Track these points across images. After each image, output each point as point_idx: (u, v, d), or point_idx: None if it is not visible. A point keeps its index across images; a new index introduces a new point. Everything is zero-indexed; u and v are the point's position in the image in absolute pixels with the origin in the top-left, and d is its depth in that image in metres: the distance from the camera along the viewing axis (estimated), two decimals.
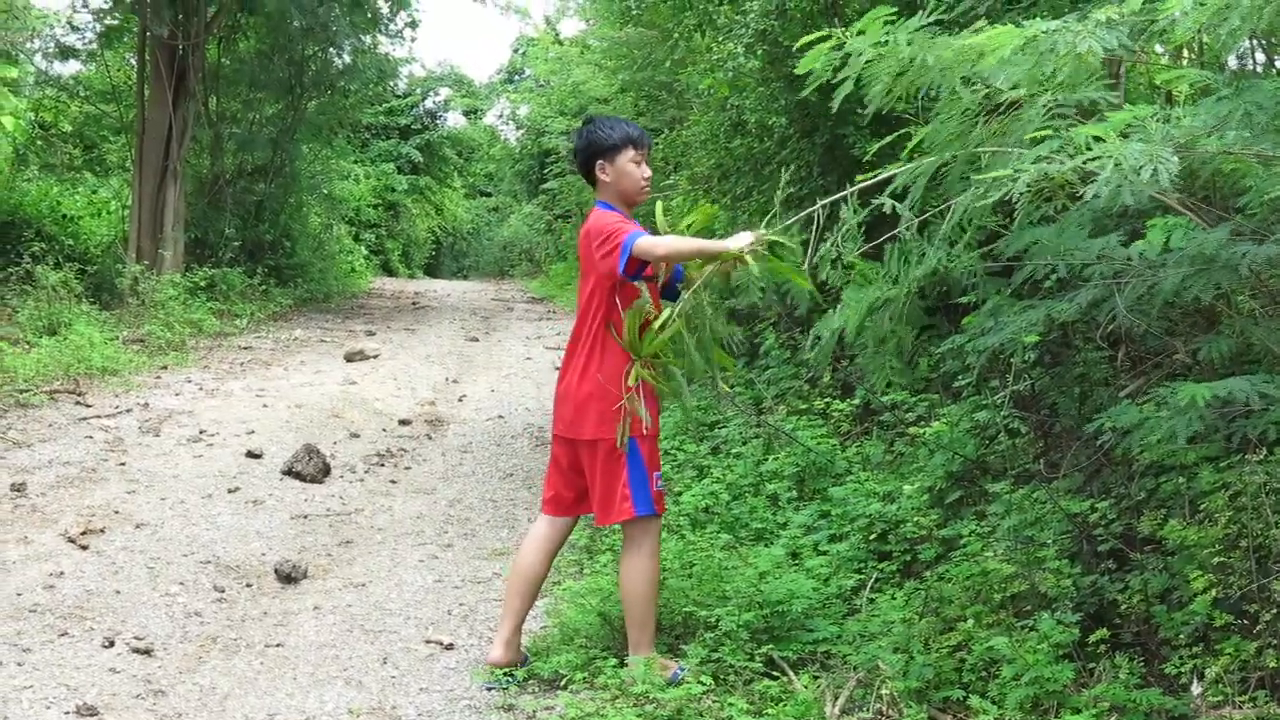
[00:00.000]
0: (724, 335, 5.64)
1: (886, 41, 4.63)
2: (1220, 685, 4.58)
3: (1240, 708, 4.46)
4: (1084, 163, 4.08)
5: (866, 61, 4.69)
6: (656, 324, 5.44)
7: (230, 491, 9.22)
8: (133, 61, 22.89)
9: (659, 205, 5.91)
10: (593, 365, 5.67)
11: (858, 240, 5.16)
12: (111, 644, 6.13)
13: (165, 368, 15.10)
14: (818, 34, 4.82)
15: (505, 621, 5.88)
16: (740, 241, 5.33)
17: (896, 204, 5.04)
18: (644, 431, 5.59)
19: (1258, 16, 4.16)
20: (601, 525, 5.90)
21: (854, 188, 5.11)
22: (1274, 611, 4.61)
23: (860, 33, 4.71)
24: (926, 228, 5.14)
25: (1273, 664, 4.50)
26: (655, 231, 5.72)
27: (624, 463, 5.60)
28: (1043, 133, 4.41)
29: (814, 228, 5.23)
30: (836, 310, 5.31)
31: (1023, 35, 4.23)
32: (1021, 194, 4.23)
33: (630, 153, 5.74)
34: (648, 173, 5.82)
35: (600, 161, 5.77)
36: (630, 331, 5.46)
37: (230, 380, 14.58)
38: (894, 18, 4.62)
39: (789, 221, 5.48)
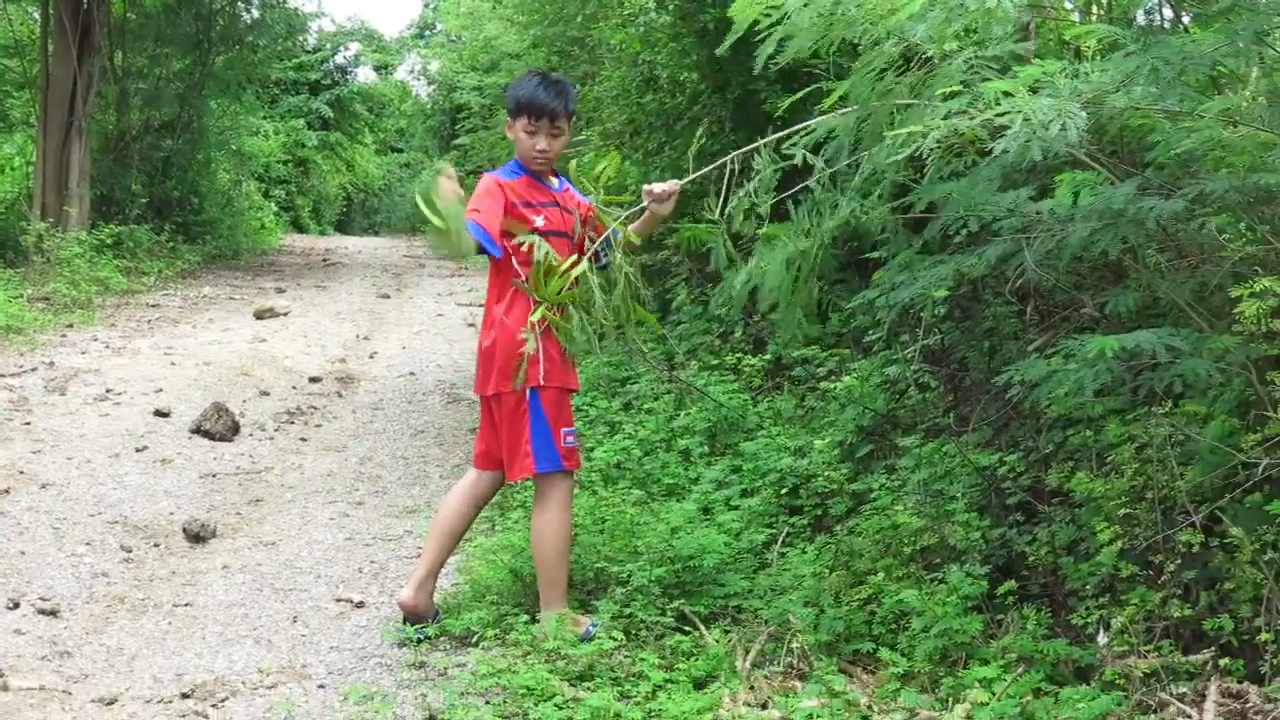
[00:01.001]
0: (639, 287, 5.62)
1: None
2: (1126, 635, 4.63)
3: (1145, 657, 4.51)
4: (994, 118, 4.10)
5: (798, 7, 4.68)
6: (559, 269, 5.42)
7: (138, 450, 9.12)
8: (36, 15, 22.54)
9: (571, 165, 5.88)
10: (490, 322, 5.70)
11: (771, 190, 5.16)
12: (16, 605, 6.05)
13: (71, 326, 14.91)
14: None
15: (420, 565, 5.86)
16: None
17: (809, 155, 5.04)
18: (540, 382, 5.58)
19: None
20: (510, 481, 5.88)
21: (766, 140, 5.10)
22: (1178, 562, 4.66)
23: None
24: (838, 180, 5.14)
25: (1177, 614, 4.55)
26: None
27: (526, 419, 5.60)
28: (954, 88, 4.42)
29: (726, 178, 5.22)
30: (748, 264, 5.31)
31: None
32: (932, 149, 4.24)
33: (524, 120, 5.68)
34: (542, 145, 5.69)
35: (509, 119, 5.76)
36: (534, 276, 5.43)
37: (138, 338, 14.42)
38: None
39: (702, 170, 5.47)
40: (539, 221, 5.58)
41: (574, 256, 5.52)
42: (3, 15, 22.96)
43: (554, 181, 5.84)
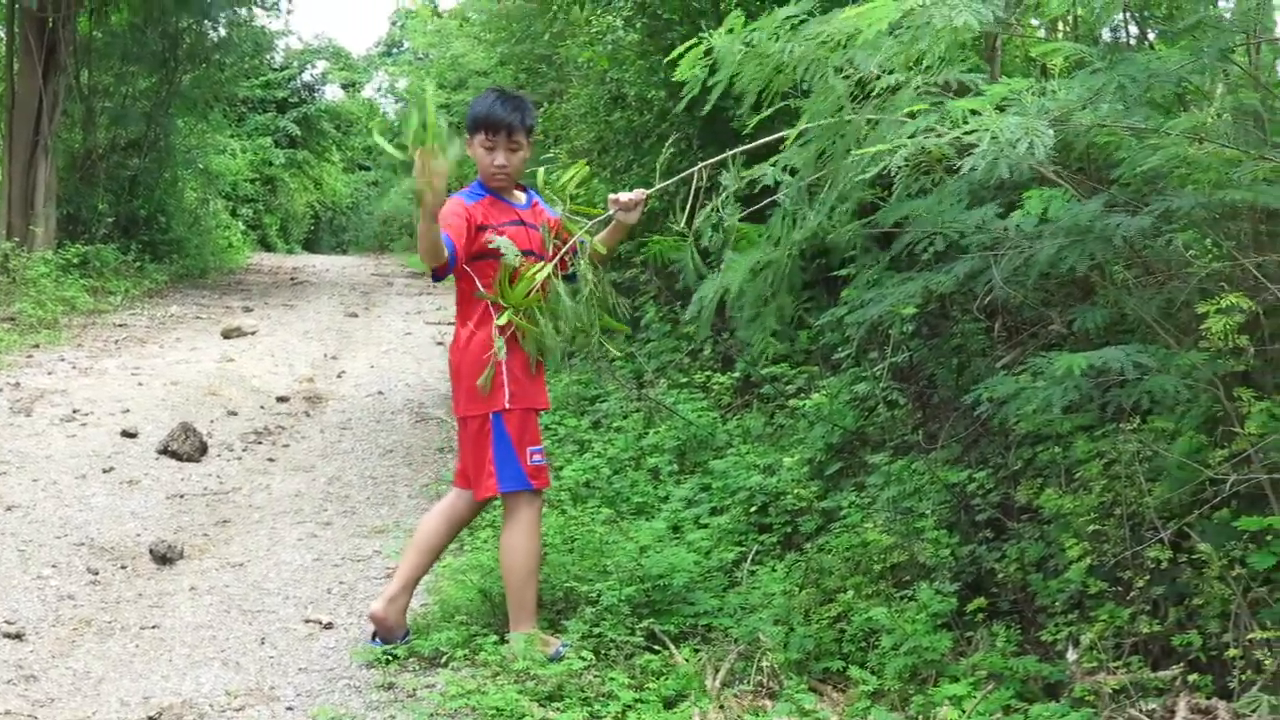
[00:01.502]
0: (607, 294, 5.61)
1: (751, 42, 4.64)
2: (1095, 651, 4.63)
3: (1114, 673, 4.51)
4: (961, 136, 4.11)
5: (736, 61, 4.70)
6: (525, 275, 5.40)
7: (105, 471, 9.07)
8: (1, 35, 22.46)
9: (540, 173, 5.86)
10: (459, 340, 5.70)
11: (738, 206, 5.17)
12: None
13: (37, 346, 14.83)
14: (687, 44, 4.83)
15: (394, 579, 5.85)
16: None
17: (778, 173, 5.05)
18: (505, 406, 5.58)
19: None
20: (476, 500, 5.87)
21: (733, 151, 5.11)
22: (1147, 578, 4.67)
23: (729, 31, 4.72)
24: (806, 194, 5.15)
25: (1146, 630, 4.56)
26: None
27: (489, 438, 5.60)
28: (919, 106, 4.43)
29: (693, 191, 5.22)
30: (718, 274, 5.31)
31: (898, 9, 4.24)
32: (900, 167, 4.25)
33: (480, 136, 5.69)
34: (500, 160, 5.70)
35: (467, 137, 5.75)
36: (500, 282, 5.42)
37: (105, 358, 14.35)
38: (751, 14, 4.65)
39: (668, 180, 5.47)
40: (503, 241, 5.57)
41: (540, 263, 5.51)
42: None
43: (519, 197, 5.84)
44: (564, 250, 5.51)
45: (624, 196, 5.51)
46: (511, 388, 5.58)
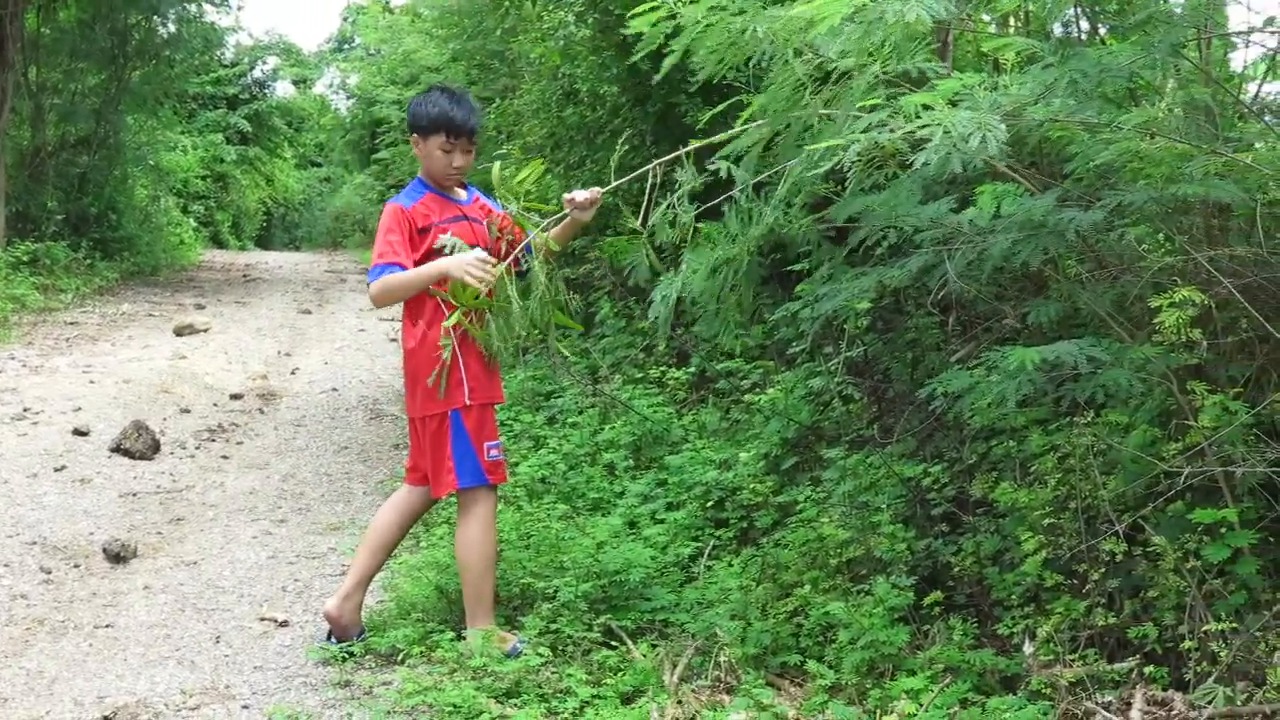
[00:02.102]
0: (559, 294, 5.59)
1: (721, 8, 4.63)
2: (1051, 644, 4.65)
3: (1070, 666, 4.53)
4: (914, 131, 4.11)
5: (698, 31, 4.68)
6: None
7: (57, 470, 9.01)
8: None
9: (495, 167, 5.85)
10: (407, 340, 5.71)
11: (694, 203, 5.16)
12: None
13: None
14: (649, 3, 4.80)
15: (348, 577, 5.84)
16: (455, 269, 5.34)
17: (732, 167, 5.05)
18: (465, 403, 5.57)
19: None
20: (436, 498, 5.86)
21: (687, 148, 5.11)
22: (1102, 571, 4.69)
23: (691, 1, 4.70)
24: (762, 189, 5.15)
25: (1102, 622, 4.59)
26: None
27: (448, 435, 5.59)
28: (873, 100, 4.44)
29: (649, 189, 5.21)
30: (676, 274, 5.30)
31: (851, 3, 4.24)
32: (853, 162, 4.25)
33: (440, 138, 5.68)
34: (458, 162, 5.73)
35: (415, 135, 5.75)
36: (451, 283, 5.40)
37: (56, 356, 14.25)
38: None
39: (624, 179, 5.46)
40: (446, 237, 5.57)
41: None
42: None
43: (461, 193, 5.84)
44: (518, 249, 5.50)
45: (580, 196, 5.50)
46: (470, 384, 5.57)
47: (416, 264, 5.52)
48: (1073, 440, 5.03)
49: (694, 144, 5.13)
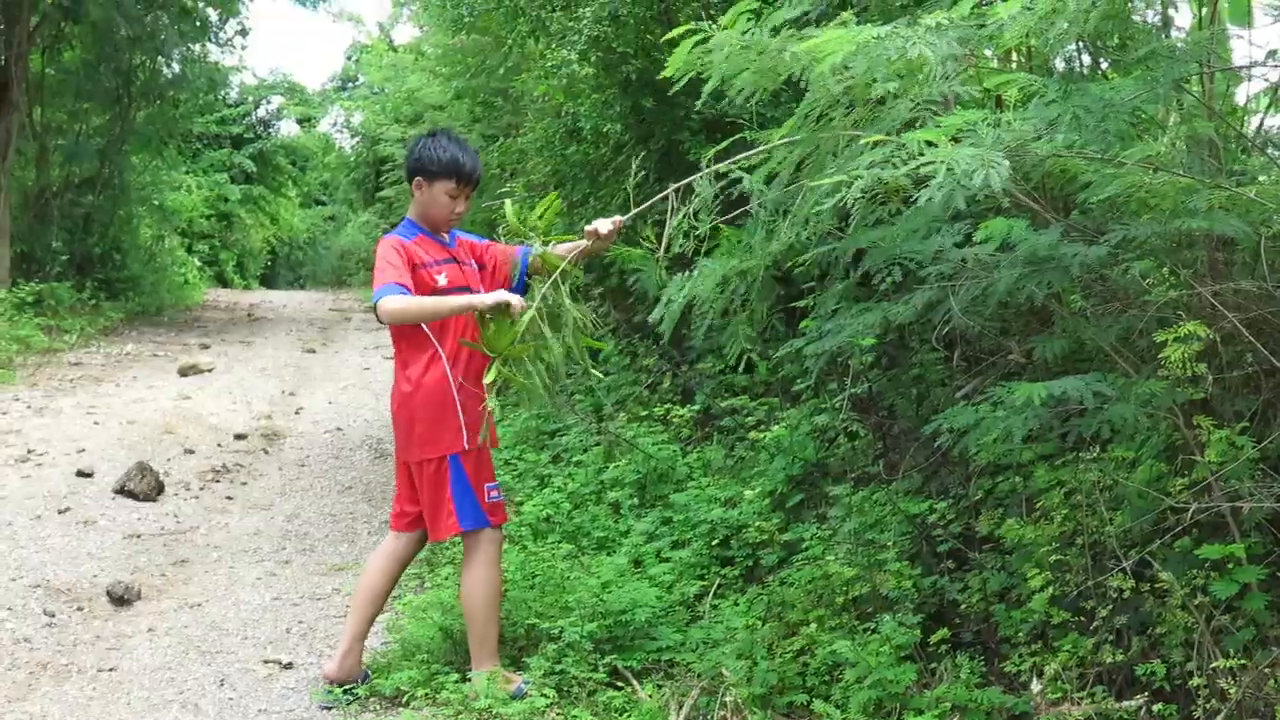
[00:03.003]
0: (586, 322, 5.58)
1: (750, 35, 4.64)
2: (1059, 682, 4.63)
3: (1079, 704, 4.51)
4: (917, 168, 4.10)
5: (729, 55, 4.69)
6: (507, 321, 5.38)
7: (60, 512, 8.99)
8: None
9: (507, 204, 5.87)
10: (403, 383, 5.70)
11: (712, 214, 5.15)
12: None
13: None
14: (684, 28, 4.82)
15: (345, 636, 5.82)
16: (493, 297, 5.33)
17: (753, 180, 5.04)
18: (463, 447, 5.56)
19: (1084, 20, 4.23)
20: (434, 540, 5.84)
21: (713, 168, 5.10)
22: (1110, 608, 4.67)
23: (725, 28, 4.71)
24: (780, 208, 5.14)
25: (1109, 659, 4.56)
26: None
27: (447, 479, 5.59)
28: (877, 137, 4.43)
29: (669, 212, 5.21)
30: (686, 277, 5.29)
31: (853, 41, 4.24)
32: (856, 199, 4.24)
33: (449, 184, 5.70)
34: (461, 208, 5.77)
35: (419, 178, 5.74)
36: (484, 332, 5.38)
37: (60, 397, 14.25)
38: (754, 14, 4.64)
39: (645, 205, 5.45)
40: (441, 280, 5.60)
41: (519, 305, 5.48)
42: None
43: (445, 236, 5.85)
44: (547, 285, 5.47)
45: (603, 228, 5.49)
46: (469, 428, 5.56)
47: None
48: (1079, 476, 5.01)
49: (715, 166, 5.12)
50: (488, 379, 5.35)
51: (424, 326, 5.58)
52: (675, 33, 4.89)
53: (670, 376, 10.33)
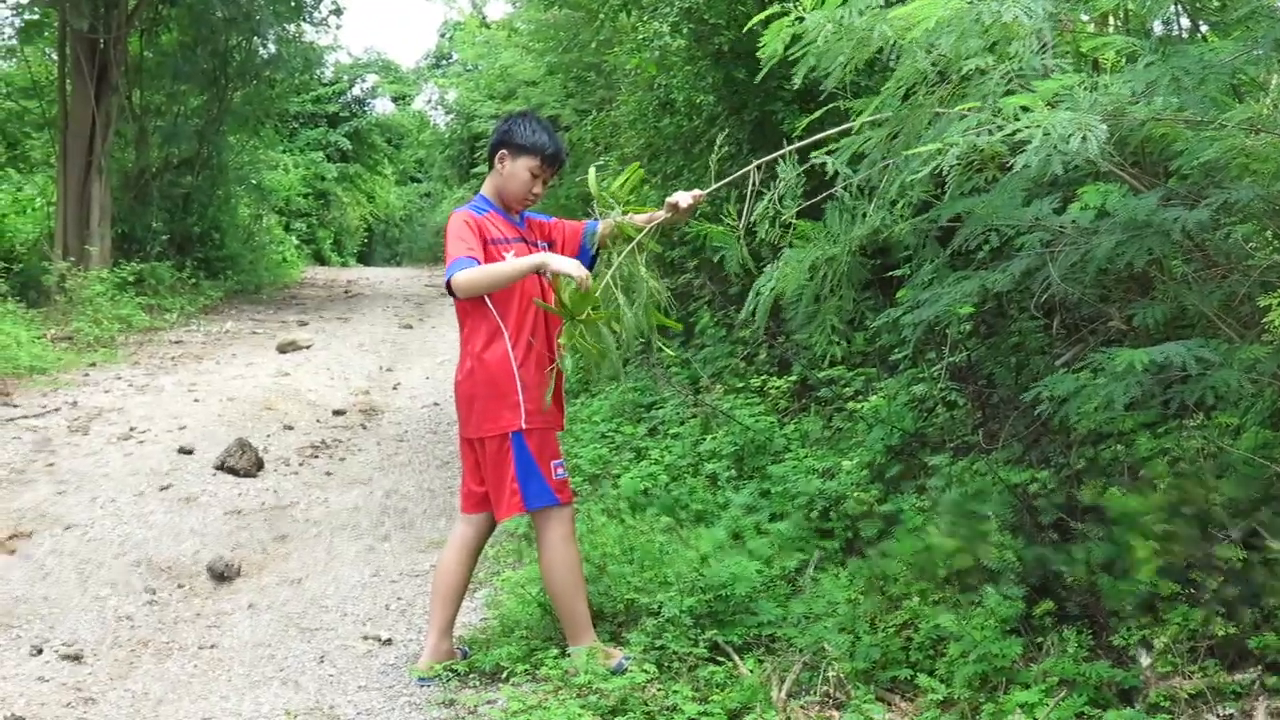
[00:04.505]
0: (660, 295, 5.54)
1: (842, 16, 4.59)
2: (1169, 655, 4.55)
3: (1190, 678, 4.43)
4: (1013, 134, 4.04)
5: (827, 35, 4.64)
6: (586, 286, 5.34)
7: (162, 489, 9.08)
8: (54, 56, 22.61)
9: (591, 171, 5.84)
10: (466, 360, 5.65)
11: (797, 198, 5.10)
12: (40, 651, 6.02)
13: (94, 365, 14.91)
14: (772, 9, 4.77)
15: (430, 630, 5.81)
16: (565, 263, 5.27)
17: (835, 163, 4.98)
18: (522, 425, 5.52)
19: None
20: (498, 521, 5.79)
21: (791, 147, 5.05)
22: (1220, 579, 4.58)
23: (814, 7, 4.67)
24: (864, 189, 5.09)
25: (1221, 632, 4.47)
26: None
27: (510, 457, 5.55)
28: (973, 104, 4.37)
29: (749, 189, 5.16)
30: (774, 268, 5.24)
31: (947, 6, 4.18)
32: (952, 166, 4.18)
33: (533, 161, 5.66)
34: (539, 190, 5.74)
35: (504, 151, 5.71)
36: (558, 295, 5.35)
37: (161, 375, 14.40)
38: None
39: (725, 180, 5.41)
40: (510, 257, 5.54)
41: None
42: (21, 57, 23.06)
43: (517, 218, 5.82)
44: (624, 254, 5.44)
45: (683, 202, 5.46)
46: (529, 406, 5.53)
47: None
48: (1183, 444, 4.92)
49: (798, 144, 5.07)
50: (561, 338, 5.37)
51: (488, 301, 5.53)
52: (762, 16, 4.84)
53: (767, 347, 10.26)
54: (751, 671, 5.27)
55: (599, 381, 10.09)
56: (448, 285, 5.37)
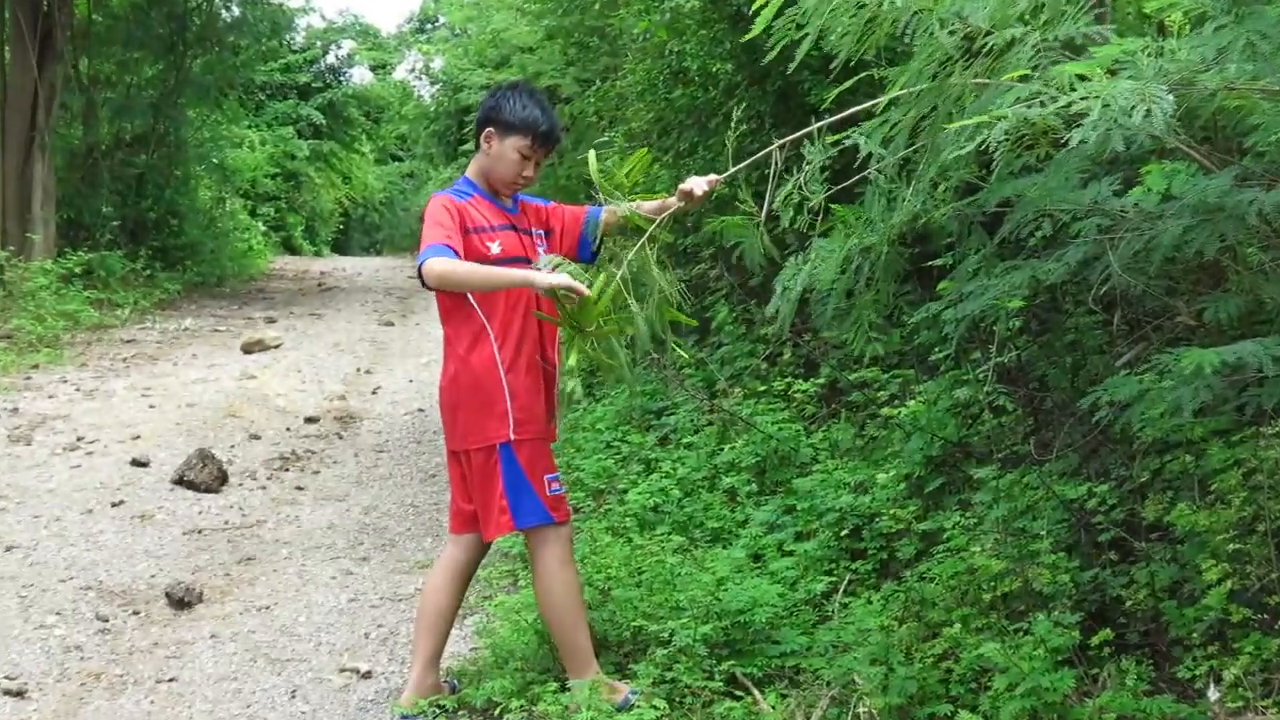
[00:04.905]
0: (672, 292, 5.54)
1: None
2: (1240, 689, 4.56)
3: (1263, 713, 4.45)
4: (1067, 105, 4.05)
5: (829, 9, 4.65)
6: (593, 290, 5.33)
7: (114, 505, 9.12)
8: None
9: (590, 155, 5.83)
10: (450, 363, 5.68)
11: (824, 181, 5.11)
12: None
13: (36, 367, 14.96)
14: None
15: (415, 662, 5.81)
16: (551, 279, 5.24)
17: (867, 141, 4.99)
18: (510, 437, 5.53)
19: None
20: (487, 541, 5.80)
21: (816, 125, 5.06)
22: None
23: None
24: (903, 170, 5.10)
25: None
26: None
27: (499, 471, 5.54)
28: (1021, 72, 4.38)
29: (771, 175, 5.17)
30: (802, 260, 5.25)
31: None
32: (999, 142, 4.19)
33: (523, 141, 5.63)
34: (530, 173, 5.71)
35: (490, 129, 5.69)
36: (563, 308, 5.34)
37: (112, 379, 14.45)
38: None
39: (743, 164, 5.41)
40: (494, 248, 5.53)
41: (597, 272, 5.45)
42: None
43: (507, 202, 5.80)
44: (634, 250, 5.43)
45: (697, 189, 5.44)
46: (518, 415, 5.54)
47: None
48: (1259, 454, 4.94)
49: (822, 122, 5.08)
50: (570, 361, 5.30)
51: (470, 299, 5.54)
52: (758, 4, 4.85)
53: (792, 346, 10.27)
54: (773, 707, 5.29)
55: (605, 385, 10.10)
56: (419, 272, 5.37)
